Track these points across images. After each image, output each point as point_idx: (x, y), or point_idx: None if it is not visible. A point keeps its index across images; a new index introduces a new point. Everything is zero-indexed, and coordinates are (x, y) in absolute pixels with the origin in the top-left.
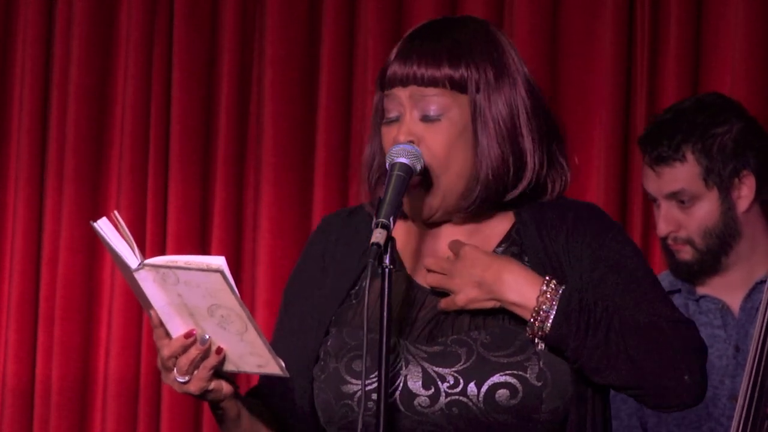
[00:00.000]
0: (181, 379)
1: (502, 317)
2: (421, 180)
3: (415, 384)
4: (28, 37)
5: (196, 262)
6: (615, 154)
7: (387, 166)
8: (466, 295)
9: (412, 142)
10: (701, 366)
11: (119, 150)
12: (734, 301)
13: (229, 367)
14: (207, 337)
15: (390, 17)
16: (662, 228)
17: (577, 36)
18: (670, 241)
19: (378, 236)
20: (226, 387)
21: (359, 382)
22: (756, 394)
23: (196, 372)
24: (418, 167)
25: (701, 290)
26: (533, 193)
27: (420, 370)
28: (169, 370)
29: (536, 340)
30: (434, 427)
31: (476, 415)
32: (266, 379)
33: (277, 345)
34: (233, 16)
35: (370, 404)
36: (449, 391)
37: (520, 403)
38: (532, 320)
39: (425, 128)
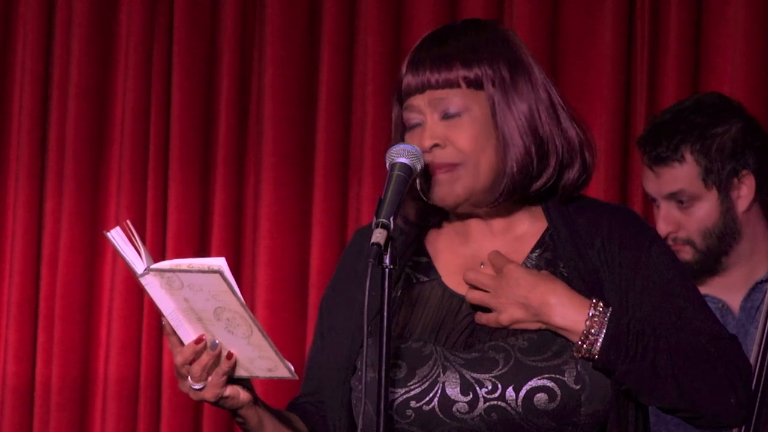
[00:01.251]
0: (196, 387)
1: None
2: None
3: (453, 390)
4: (28, 37)
5: (198, 264)
6: (615, 154)
7: (387, 166)
8: (510, 315)
9: (437, 144)
10: (746, 385)
11: (119, 150)
12: (734, 300)
13: (240, 372)
14: (217, 342)
15: (390, 17)
16: (662, 228)
17: (577, 36)
18: (670, 242)
19: (378, 236)
20: (243, 394)
21: (398, 390)
22: (758, 394)
23: (210, 379)
24: (419, 167)
25: (701, 290)
26: (558, 181)
27: (458, 376)
28: (185, 377)
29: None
30: None
31: (515, 419)
32: (306, 393)
33: (315, 356)
34: (233, 16)
35: (409, 412)
36: (488, 396)
37: (558, 407)
38: (579, 343)
39: (447, 126)
